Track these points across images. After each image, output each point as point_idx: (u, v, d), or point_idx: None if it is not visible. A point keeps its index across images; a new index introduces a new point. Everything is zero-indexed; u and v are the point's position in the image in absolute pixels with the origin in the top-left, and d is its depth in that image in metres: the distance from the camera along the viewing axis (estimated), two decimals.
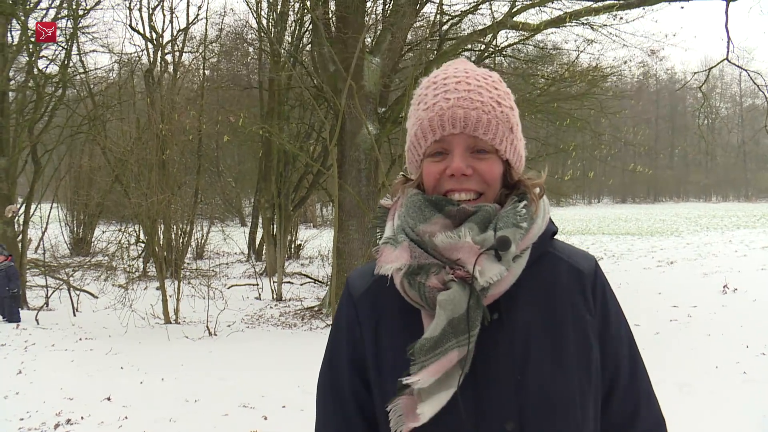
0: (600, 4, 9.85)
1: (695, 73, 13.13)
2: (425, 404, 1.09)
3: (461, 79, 1.18)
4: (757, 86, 12.05)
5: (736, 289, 10.40)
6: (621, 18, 11.20)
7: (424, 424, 1.11)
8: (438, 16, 11.93)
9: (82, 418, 5.10)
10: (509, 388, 1.12)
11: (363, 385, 1.23)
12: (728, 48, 10.67)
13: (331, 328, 1.32)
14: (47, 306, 10.16)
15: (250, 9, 14.48)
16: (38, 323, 9.01)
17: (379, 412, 1.19)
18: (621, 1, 9.97)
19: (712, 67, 11.66)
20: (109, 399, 5.57)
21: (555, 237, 1.26)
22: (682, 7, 10.79)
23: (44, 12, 13.72)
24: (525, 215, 1.15)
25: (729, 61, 10.90)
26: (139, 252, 14.77)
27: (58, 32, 13.53)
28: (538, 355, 1.13)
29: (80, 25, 14.06)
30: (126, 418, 5.12)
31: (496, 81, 1.21)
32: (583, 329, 1.17)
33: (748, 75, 11.96)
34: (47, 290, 10.42)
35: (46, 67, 14.71)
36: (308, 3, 10.72)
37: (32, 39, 12.15)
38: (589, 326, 1.18)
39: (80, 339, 8.23)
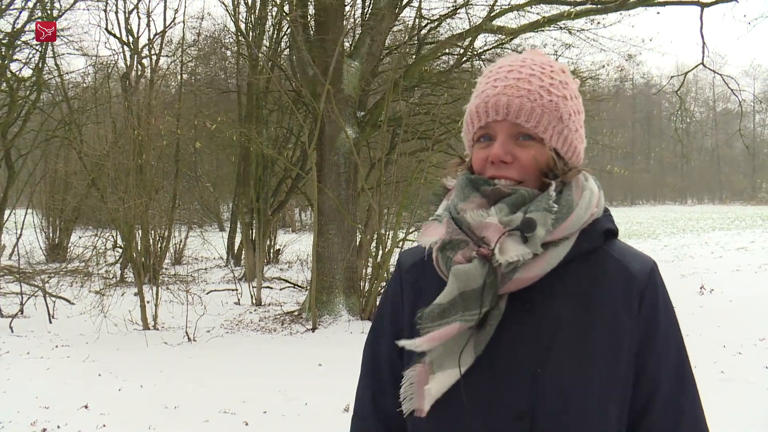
0: (578, 8, 9.93)
1: (672, 77, 13.34)
2: (434, 380, 1.13)
3: (514, 68, 1.19)
4: (731, 90, 12.27)
5: (713, 290, 10.54)
6: (598, 23, 11.31)
7: (440, 403, 1.15)
8: (417, 20, 11.96)
9: (58, 427, 5.00)
10: (526, 380, 1.11)
11: (399, 355, 1.27)
12: (703, 53, 10.85)
13: (380, 300, 1.39)
14: (22, 313, 9.96)
15: (228, 13, 14.42)
16: (12, 331, 8.85)
17: None
18: (599, 6, 10.07)
19: (688, 71, 11.83)
20: (86, 407, 5.47)
21: (617, 239, 1.23)
22: (658, 13, 10.90)
23: (17, 14, 13.52)
24: (557, 200, 1.13)
25: (704, 66, 11.07)
26: (117, 258, 14.58)
27: (32, 35, 13.37)
28: (562, 351, 1.12)
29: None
30: (104, 426, 5.04)
31: (555, 71, 1.20)
32: (617, 334, 1.14)
33: (723, 79, 12.18)
34: (22, 297, 10.22)
35: (20, 70, 14.51)
36: (286, 7, 10.69)
37: (4, 41, 11.96)
38: (626, 332, 1.14)
39: (56, 346, 8.10)
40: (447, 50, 11.73)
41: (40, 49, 13.77)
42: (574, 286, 1.15)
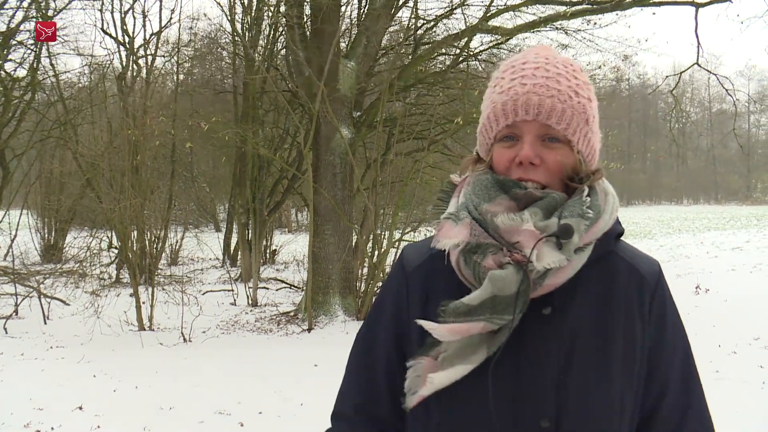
0: (574, 9, 9.94)
1: (667, 77, 13.34)
2: (441, 372, 1.09)
3: (540, 65, 1.15)
4: (726, 90, 12.28)
5: (708, 290, 10.55)
6: (595, 23, 11.32)
7: (456, 405, 1.12)
8: (413, 21, 11.96)
9: (52, 428, 4.98)
10: (550, 386, 1.10)
11: (397, 357, 1.22)
12: (698, 53, 10.87)
13: (377, 296, 1.31)
14: (17, 314, 9.93)
15: (224, 13, 14.39)
16: (6, 332, 8.82)
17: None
18: (594, 6, 10.08)
19: (683, 71, 11.86)
20: (80, 408, 5.46)
21: (621, 239, 1.23)
22: (654, 13, 10.94)
23: (11, 13, 13.47)
24: (591, 206, 1.12)
25: (699, 66, 11.08)
26: (112, 258, 14.55)
27: (27, 35, 13.33)
28: (583, 356, 1.11)
29: None
30: (98, 427, 5.02)
31: (577, 70, 1.18)
32: (632, 335, 1.14)
33: (718, 79, 12.18)
34: (16, 298, 10.19)
35: (15, 70, 14.46)
36: (282, 8, 10.66)
37: None
38: (639, 333, 1.15)
39: (51, 347, 8.07)
40: (443, 50, 11.74)
41: (35, 49, 13.73)
42: (591, 290, 1.15)
